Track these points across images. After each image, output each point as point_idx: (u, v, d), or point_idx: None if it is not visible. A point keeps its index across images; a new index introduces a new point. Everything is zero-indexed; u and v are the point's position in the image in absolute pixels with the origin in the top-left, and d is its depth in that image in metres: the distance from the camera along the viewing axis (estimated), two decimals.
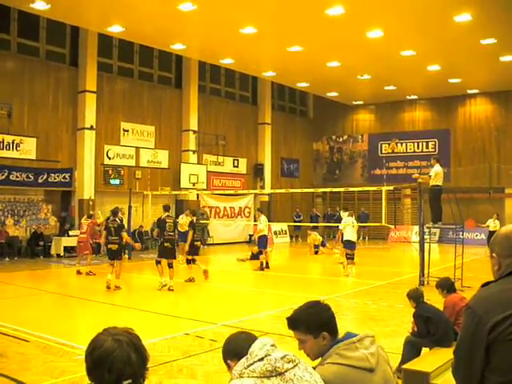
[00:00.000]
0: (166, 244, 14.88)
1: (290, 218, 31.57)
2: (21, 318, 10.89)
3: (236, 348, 3.05)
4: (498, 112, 32.62)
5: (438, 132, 34.07)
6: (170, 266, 14.62)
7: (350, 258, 17.58)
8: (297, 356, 2.73)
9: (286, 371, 2.61)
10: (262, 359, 2.63)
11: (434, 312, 7.18)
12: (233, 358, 3.00)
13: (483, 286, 2.68)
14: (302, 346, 3.31)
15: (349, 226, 17.82)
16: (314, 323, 3.25)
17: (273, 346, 2.72)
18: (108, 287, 14.33)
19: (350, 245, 17.65)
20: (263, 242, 19.28)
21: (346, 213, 18.79)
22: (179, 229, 19.94)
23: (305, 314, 3.31)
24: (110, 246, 14.91)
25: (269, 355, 2.65)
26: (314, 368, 2.97)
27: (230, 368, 3.07)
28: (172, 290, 14.30)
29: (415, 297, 7.33)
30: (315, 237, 24.84)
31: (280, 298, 13.85)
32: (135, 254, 22.95)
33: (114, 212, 15.22)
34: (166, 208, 15.63)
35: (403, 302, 12.86)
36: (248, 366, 2.63)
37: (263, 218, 19.62)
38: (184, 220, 20.10)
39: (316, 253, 24.61)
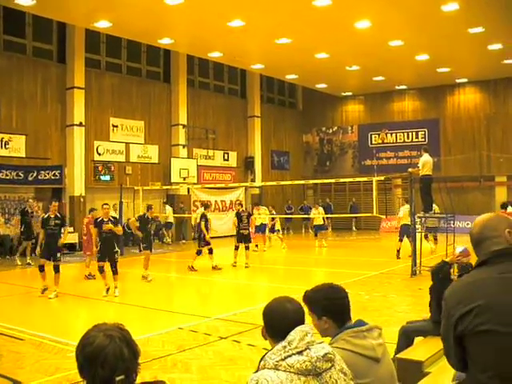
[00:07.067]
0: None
1: (281, 210, 31.62)
2: (15, 316, 10.88)
3: (276, 323, 2.82)
4: (487, 100, 32.69)
5: (428, 122, 34.12)
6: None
7: None
8: (333, 351, 2.72)
9: (323, 371, 2.61)
10: (301, 352, 2.59)
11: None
12: (272, 336, 2.83)
13: (459, 276, 2.71)
14: (312, 322, 3.32)
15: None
16: (317, 305, 3.28)
17: (312, 335, 2.70)
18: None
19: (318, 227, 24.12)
20: (404, 231, 18.82)
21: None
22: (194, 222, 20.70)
23: (313, 294, 3.34)
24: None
25: (309, 349, 2.62)
26: None
27: (266, 338, 2.93)
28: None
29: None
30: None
31: (274, 291, 13.84)
32: (127, 249, 22.98)
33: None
34: (150, 206, 16.88)
35: (396, 291, 12.97)
36: (285, 358, 2.58)
37: (406, 207, 18.77)
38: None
39: None
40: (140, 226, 16.01)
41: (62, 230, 13.96)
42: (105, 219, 13.28)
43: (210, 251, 17.77)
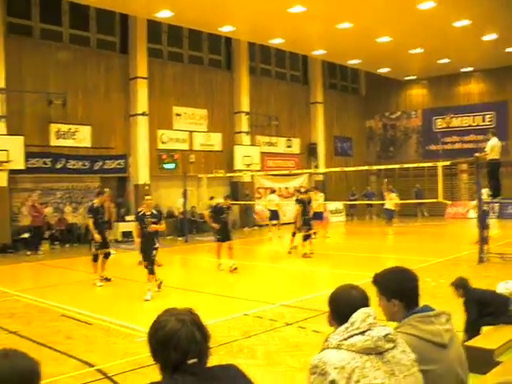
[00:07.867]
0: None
1: (344, 196, 31.36)
2: (83, 301, 11.19)
3: (342, 310, 2.87)
4: None
5: (495, 104, 33.13)
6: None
7: None
8: (396, 333, 2.73)
9: (385, 351, 2.62)
10: (363, 333, 2.64)
11: (485, 293, 7.15)
12: (339, 323, 2.85)
13: None
14: (379, 304, 3.33)
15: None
16: (388, 288, 3.27)
17: (375, 318, 2.73)
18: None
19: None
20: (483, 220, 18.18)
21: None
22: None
23: (384, 276, 3.34)
24: None
25: (370, 330, 2.65)
26: None
27: (331, 325, 3.00)
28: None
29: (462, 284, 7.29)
30: None
31: (339, 277, 13.77)
32: (191, 236, 23.27)
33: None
34: (227, 196, 16.48)
35: None
36: (347, 338, 2.64)
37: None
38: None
39: None
40: (214, 217, 15.62)
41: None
42: (147, 213, 12.20)
43: (306, 237, 17.65)
